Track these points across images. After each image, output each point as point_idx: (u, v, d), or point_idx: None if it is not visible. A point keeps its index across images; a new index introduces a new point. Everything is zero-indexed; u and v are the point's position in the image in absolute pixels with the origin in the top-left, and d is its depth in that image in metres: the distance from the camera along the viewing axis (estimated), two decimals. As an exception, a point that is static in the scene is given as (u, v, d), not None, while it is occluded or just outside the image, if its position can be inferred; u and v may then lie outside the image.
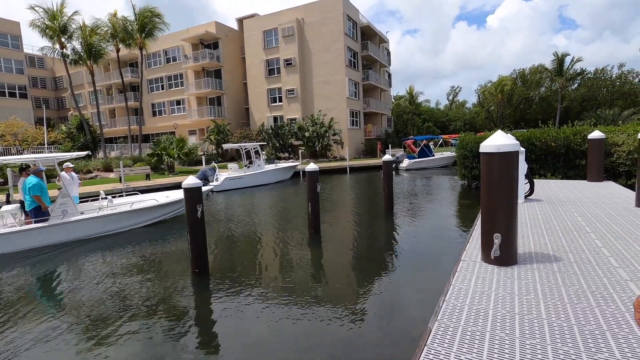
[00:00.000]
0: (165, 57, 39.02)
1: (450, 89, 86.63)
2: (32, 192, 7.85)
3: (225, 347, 3.96)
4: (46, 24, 25.72)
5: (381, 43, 40.88)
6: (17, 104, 35.90)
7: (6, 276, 6.47)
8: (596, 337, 2.33)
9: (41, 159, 8.50)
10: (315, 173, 8.03)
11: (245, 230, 9.45)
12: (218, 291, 5.34)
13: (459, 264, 3.80)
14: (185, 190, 5.82)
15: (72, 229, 8.40)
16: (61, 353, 3.91)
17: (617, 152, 9.93)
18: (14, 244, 7.75)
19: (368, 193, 15.53)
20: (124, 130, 39.19)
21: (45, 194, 8.19)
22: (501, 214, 3.52)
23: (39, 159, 8.47)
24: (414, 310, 4.59)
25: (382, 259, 6.70)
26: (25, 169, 9.00)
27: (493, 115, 53.24)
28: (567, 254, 3.92)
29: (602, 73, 48.36)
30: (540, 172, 11.14)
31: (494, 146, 3.49)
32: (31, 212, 8.10)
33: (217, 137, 31.61)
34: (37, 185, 7.92)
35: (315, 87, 33.01)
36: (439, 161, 24.89)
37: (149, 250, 7.79)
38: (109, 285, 5.78)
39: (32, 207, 8.04)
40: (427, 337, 2.46)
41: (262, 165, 19.54)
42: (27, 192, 7.90)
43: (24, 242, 7.86)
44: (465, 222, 9.08)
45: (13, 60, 36.26)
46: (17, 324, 4.58)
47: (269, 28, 33.90)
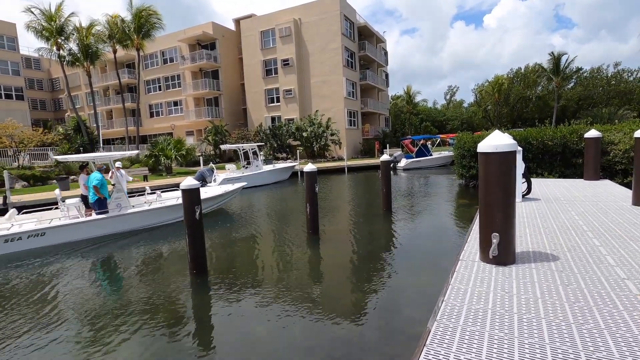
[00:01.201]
0: (162, 58, 38.92)
1: (448, 89, 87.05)
2: (94, 184, 8.66)
3: (223, 348, 3.96)
4: (43, 25, 25.61)
5: (378, 43, 40.94)
6: (14, 105, 35.70)
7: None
8: (594, 336, 2.34)
9: (98, 157, 9.48)
10: (314, 174, 8.03)
11: (243, 230, 9.44)
12: (216, 292, 5.33)
13: (457, 263, 3.81)
14: (183, 192, 5.81)
15: (127, 220, 9.28)
16: (61, 351, 3.90)
17: (613, 150, 9.98)
18: (76, 233, 8.60)
19: (366, 193, 15.54)
20: (121, 132, 39.07)
21: (105, 187, 8.96)
22: (499, 214, 3.53)
23: (96, 157, 9.47)
24: (413, 310, 4.60)
25: (380, 259, 6.71)
26: (85, 167, 10.06)
27: (490, 114, 53.39)
28: (565, 253, 3.94)
29: (598, 72, 48.61)
30: (537, 171, 11.19)
31: (492, 146, 3.50)
32: (94, 205, 8.89)
33: (215, 137, 31.56)
34: (100, 179, 8.76)
35: (312, 87, 33.01)
36: (436, 161, 24.94)
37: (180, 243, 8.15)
38: (128, 280, 5.76)
39: (94, 200, 8.84)
40: (426, 337, 2.46)
41: (260, 165, 19.52)
42: (90, 185, 8.80)
43: (85, 232, 8.72)
44: (463, 221, 9.10)
45: (9, 61, 36.07)
46: (15, 320, 4.56)
47: (266, 28, 33.89)
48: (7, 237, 7.77)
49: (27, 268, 7.03)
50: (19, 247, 7.92)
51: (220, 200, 11.42)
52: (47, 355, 3.91)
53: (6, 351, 4.01)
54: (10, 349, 4.05)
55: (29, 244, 8.04)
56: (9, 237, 7.79)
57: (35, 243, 8.11)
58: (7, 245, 7.78)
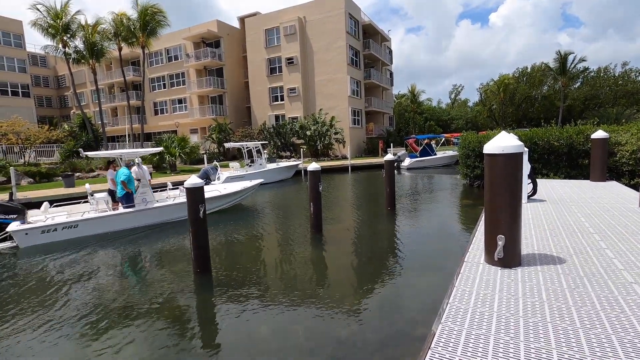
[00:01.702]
0: (167, 56, 39.01)
1: (453, 88, 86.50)
2: (122, 179, 9.07)
3: (227, 347, 3.96)
4: (49, 22, 25.74)
5: (383, 41, 40.76)
6: (20, 102, 35.96)
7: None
8: (602, 341, 2.31)
9: (125, 153, 9.85)
10: (318, 173, 8.01)
11: (247, 229, 9.45)
12: (220, 291, 5.34)
13: (462, 265, 3.79)
14: (187, 190, 5.81)
15: (152, 214, 9.75)
16: (63, 348, 3.92)
17: (620, 151, 9.87)
18: (106, 226, 9.13)
19: (370, 192, 15.51)
20: (126, 129, 39.24)
21: (132, 182, 9.39)
22: (505, 216, 3.50)
23: (123, 154, 9.82)
24: (416, 311, 4.58)
25: (384, 259, 6.69)
26: (112, 162, 10.67)
27: (495, 114, 53.06)
28: (571, 256, 3.90)
29: (605, 72, 48.12)
30: (542, 171, 11.10)
31: (498, 147, 3.46)
32: (122, 199, 9.34)
33: (219, 135, 31.62)
34: (128, 175, 9.17)
35: (316, 85, 32.96)
36: (440, 160, 24.82)
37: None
38: (137, 276, 5.79)
39: (122, 194, 9.29)
40: (431, 340, 2.45)
41: (263, 164, 19.54)
42: (118, 180, 9.22)
43: (114, 225, 9.21)
44: (467, 222, 9.05)
45: (16, 59, 36.29)
46: (16, 318, 4.60)
47: (271, 27, 33.84)
48: (43, 228, 8.33)
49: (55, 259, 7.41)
50: (54, 238, 8.44)
51: (239, 197, 11.82)
52: (53, 350, 3.94)
53: (11, 343, 4.04)
54: (15, 340, 4.09)
55: (63, 235, 8.56)
56: (45, 229, 8.35)
57: (69, 234, 8.64)
58: (43, 235, 8.34)
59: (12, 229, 8.12)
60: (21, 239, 8.18)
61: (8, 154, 24.29)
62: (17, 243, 8.18)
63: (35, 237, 8.28)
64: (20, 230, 8.14)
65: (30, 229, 8.24)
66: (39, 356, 3.89)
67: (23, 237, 8.19)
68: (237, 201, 11.98)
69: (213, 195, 10.80)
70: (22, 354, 3.93)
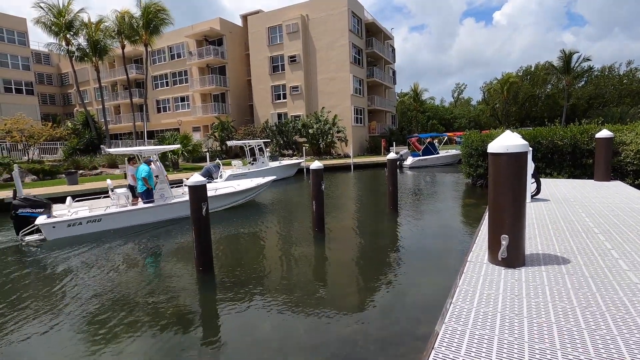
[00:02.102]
0: (169, 54, 39.06)
1: (455, 86, 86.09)
2: (142, 175, 9.40)
3: (228, 344, 3.97)
4: (52, 20, 25.81)
5: (386, 40, 40.63)
6: (24, 100, 36.11)
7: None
8: (607, 342, 2.30)
9: (144, 150, 10.19)
10: (320, 171, 8.00)
11: (249, 227, 9.46)
12: (222, 289, 5.35)
13: (465, 265, 3.77)
14: (190, 188, 5.82)
15: (170, 209, 10.06)
16: (66, 344, 3.94)
17: (625, 151, 9.80)
18: (127, 220, 9.46)
19: (372, 191, 15.48)
20: (128, 127, 39.35)
21: (152, 178, 9.74)
22: (509, 215, 3.48)
23: (143, 151, 10.16)
24: (419, 310, 4.57)
25: (386, 258, 6.68)
26: (132, 159, 11.09)
27: (498, 112, 52.83)
28: (576, 256, 3.88)
29: (610, 70, 47.78)
30: (546, 171, 11.04)
31: (503, 146, 3.44)
32: (142, 195, 9.69)
33: (221, 133, 31.66)
34: (148, 171, 9.51)
35: (319, 84, 32.91)
36: (443, 159, 24.76)
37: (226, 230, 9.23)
38: (133, 274, 5.81)
39: (142, 190, 9.61)
40: (435, 340, 2.43)
41: (265, 162, 19.55)
42: (139, 176, 9.52)
43: (134, 220, 9.57)
44: (470, 221, 9.02)
45: (19, 56, 36.42)
46: (19, 316, 4.62)
47: (274, 24, 33.80)
48: (70, 222, 8.74)
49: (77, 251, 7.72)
50: (78, 231, 8.82)
51: (253, 193, 12.14)
52: (55, 345, 3.96)
53: (16, 332, 4.06)
54: (21, 331, 4.11)
55: (87, 229, 8.95)
56: (71, 222, 8.76)
57: (93, 228, 9.03)
58: (69, 229, 8.71)
59: (40, 222, 8.46)
60: (49, 232, 8.51)
61: (12, 152, 24.40)
62: (45, 235, 8.50)
63: (61, 230, 8.63)
64: (48, 224, 8.50)
65: (57, 222, 8.61)
66: (40, 351, 3.91)
67: (50, 229, 8.52)
68: (251, 197, 12.31)
69: (228, 191, 11.18)
70: (23, 348, 3.95)
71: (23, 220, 8.71)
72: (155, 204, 9.75)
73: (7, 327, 4.43)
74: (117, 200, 9.77)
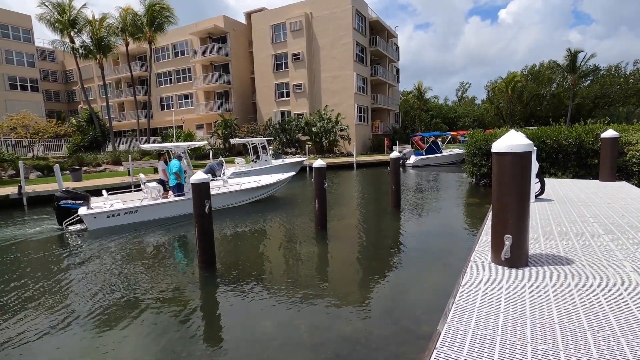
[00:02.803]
0: (173, 51, 39.12)
1: (460, 85, 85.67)
2: (174, 170, 9.94)
3: (230, 342, 3.98)
4: (56, 17, 25.90)
5: (390, 38, 40.47)
6: (29, 97, 36.32)
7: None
8: (610, 343, 2.28)
9: (174, 146, 10.65)
10: (323, 169, 8.00)
11: (251, 225, 9.48)
12: (225, 286, 5.37)
13: (468, 264, 3.76)
14: (193, 186, 5.84)
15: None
16: (67, 341, 3.97)
17: (630, 151, 9.72)
18: (160, 212, 10.02)
19: (375, 189, 15.46)
20: (132, 124, 39.53)
21: (182, 173, 10.25)
22: (512, 215, 3.46)
23: (173, 147, 10.65)
24: (421, 309, 4.56)
25: (388, 256, 6.67)
26: (162, 155, 11.76)
27: (502, 112, 52.55)
28: (579, 257, 3.85)
29: (616, 70, 47.36)
30: (550, 171, 10.97)
31: (507, 146, 3.42)
32: (174, 188, 10.23)
33: (225, 131, 31.69)
34: (179, 166, 10.04)
35: (322, 82, 32.85)
36: (446, 158, 24.66)
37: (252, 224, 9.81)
38: (148, 267, 5.84)
39: (174, 184, 10.16)
40: (437, 340, 2.43)
41: (269, 160, 19.55)
42: (170, 171, 10.09)
43: (167, 212, 10.14)
44: (473, 220, 8.99)
45: (25, 53, 36.61)
46: (22, 311, 4.66)
47: (277, 22, 33.75)
48: (109, 212, 9.34)
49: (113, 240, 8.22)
50: (117, 222, 9.41)
51: (273, 188, 12.71)
52: (58, 341, 3.99)
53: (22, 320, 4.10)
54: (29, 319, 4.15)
55: (124, 220, 9.53)
56: (110, 213, 9.37)
57: (129, 219, 9.59)
58: (108, 219, 9.32)
59: (83, 213, 9.05)
60: (90, 222, 9.10)
61: (17, 148, 24.58)
62: (87, 225, 9.09)
63: (102, 220, 9.22)
64: (90, 214, 9.11)
65: (98, 213, 9.22)
66: (41, 345, 3.95)
67: (92, 220, 9.12)
68: (272, 192, 12.79)
69: (253, 186, 11.76)
70: (26, 339, 3.99)
71: (65, 211, 9.35)
72: (186, 197, 10.16)
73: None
74: (150, 193, 10.34)
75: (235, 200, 11.52)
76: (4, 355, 3.79)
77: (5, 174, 18.29)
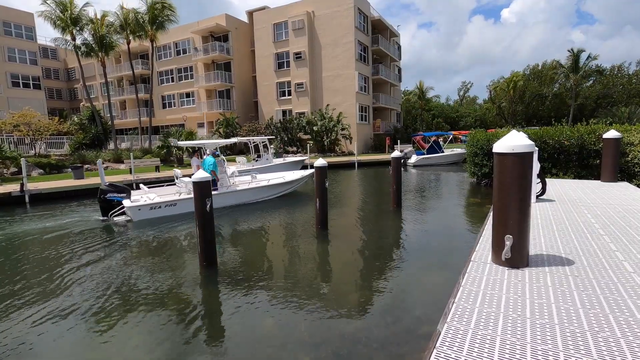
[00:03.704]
0: (175, 50, 39.13)
1: (462, 85, 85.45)
2: (211, 168, 10.54)
3: (231, 340, 4.00)
4: (58, 15, 25.93)
5: (392, 37, 40.40)
6: (31, 94, 36.39)
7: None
8: (610, 344, 2.29)
9: (207, 144, 11.58)
10: (324, 169, 8.00)
11: (252, 223, 9.49)
12: (225, 284, 5.38)
13: (468, 264, 3.76)
14: (194, 184, 5.85)
15: (232, 197, 11.46)
16: (66, 340, 3.99)
17: (632, 151, 9.70)
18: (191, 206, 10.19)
19: (376, 189, 15.46)
20: (134, 122, 39.55)
21: (217, 169, 10.95)
22: (513, 216, 3.46)
23: (206, 144, 11.60)
24: (421, 309, 4.57)
25: (389, 256, 6.68)
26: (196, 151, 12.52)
27: (504, 111, 52.44)
28: (580, 257, 3.85)
29: (619, 70, 47.18)
30: (552, 171, 10.96)
31: (508, 146, 3.42)
32: None
33: (226, 130, 31.72)
34: (214, 163, 10.73)
35: (324, 81, 32.83)
36: (447, 158, 24.63)
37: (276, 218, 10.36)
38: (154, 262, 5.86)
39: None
40: (437, 339, 2.44)
41: (270, 158, 19.57)
42: (207, 168, 10.55)
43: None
44: (474, 220, 8.99)
45: (27, 51, 36.66)
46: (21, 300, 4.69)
47: (279, 21, 33.72)
48: (152, 205, 10.02)
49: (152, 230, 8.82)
50: (158, 213, 10.05)
51: (297, 184, 13.40)
52: (56, 338, 4.01)
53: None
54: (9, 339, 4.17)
55: (164, 212, 10.17)
56: (153, 206, 10.04)
57: (169, 211, 10.25)
58: (151, 211, 9.97)
59: (128, 205, 9.68)
60: (134, 214, 9.69)
61: (19, 145, 24.64)
62: (131, 217, 9.67)
63: (145, 212, 9.83)
64: (134, 206, 9.70)
65: (142, 205, 9.83)
66: (39, 343, 3.97)
67: (136, 212, 9.72)
68: (295, 188, 13.50)
69: (279, 182, 12.43)
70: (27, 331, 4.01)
71: (109, 203, 9.99)
72: (219, 192, 10.85)
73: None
74: (185, 187, 10.99)
75: (264, 194, 12.22)
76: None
77: (8, 172, 18.36)
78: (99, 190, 10.05)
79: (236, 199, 11.52)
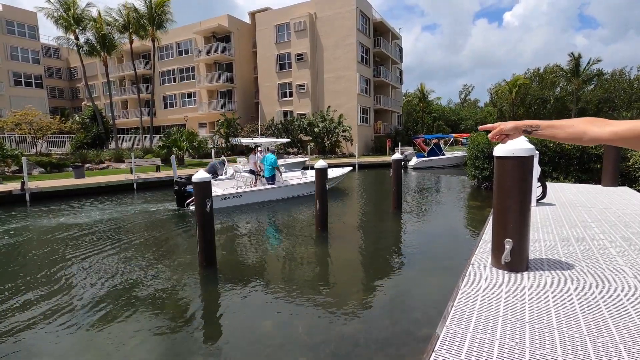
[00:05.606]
0: (177, 50, 39.24)
1: (463, 87, 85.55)
2: (274, 164, 11.96)
3: (230, 341, 3.99)
4: (60, 14, 26.02)
5: (394, 39, 40.47)
6: (33, 93, 36.48)
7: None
8: (609, 350, 2.28)
9: (263, 142, 13.08)
10: (324, 170, 8.01)
11: (252, 225, 9.50)
12: (224, 285, 5.38)
13: (468, 268, 3.76)
14: (195, 184, 5.85)
15: (286, 190, 12.56)
16: (65, 339, 3.99)
17: (633, 156, 9.70)
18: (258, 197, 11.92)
19: (376, 191, 15.46)
20: (135, 122, 39.62)
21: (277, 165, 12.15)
22: (513, 219, 3.46)
23: (262, 142, 13.12)
24: (420, 311, 4.56)
25: (389, 258, 6.67)
26: (254, 149, 13.78)
27: (506, 115, 52.41)
28: (580, 262, 3.85)
29: (620, 74, 47.18)
30: (552, 175, 10.95)
31: (509, 150, 3.41)
32: (268, 179, 12.22)
33: (227, 130, 31.76)
34: (275, 159, 12.05)
35: (325, 82, 32.88)
36: (448, 160, 24.62)
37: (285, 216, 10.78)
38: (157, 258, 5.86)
39: (270, 174, 12.14)
40: (435, 342, 2.43)
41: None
42: (269, 164, 11.95)
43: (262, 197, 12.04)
44: (474, 224, 8.98)
45: (30, 50, 36.78)
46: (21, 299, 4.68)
47: (281, 22, 33.81)
48: (222, 196, 10.99)
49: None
50: (227, 203, 11.14)
51: (334, 182, 14.03)
52: (54, 337, 4.01)
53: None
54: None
55: (232, 202, 11.27)
56: (223, 197, 11.04)
57: (236, 202, 11.35)
58: (221, 202, 10.94)
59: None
60: None
61: (20, 144, 24.70)
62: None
63: (216, 202, 10.21)
64: None
65: (214, 196, 10.07)
66: (37, 341, 3.97)
67: None
68: (333, 185, 13.95)
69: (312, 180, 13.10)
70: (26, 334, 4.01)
71: (183, 194, 10.88)
72: (277, 185, 12.10)
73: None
74: (244, 180, 12.13)
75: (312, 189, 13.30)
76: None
77: (9, 170, 18.39)
78: (175, 182, 11.21)
79: (290, 192, 12.64)
